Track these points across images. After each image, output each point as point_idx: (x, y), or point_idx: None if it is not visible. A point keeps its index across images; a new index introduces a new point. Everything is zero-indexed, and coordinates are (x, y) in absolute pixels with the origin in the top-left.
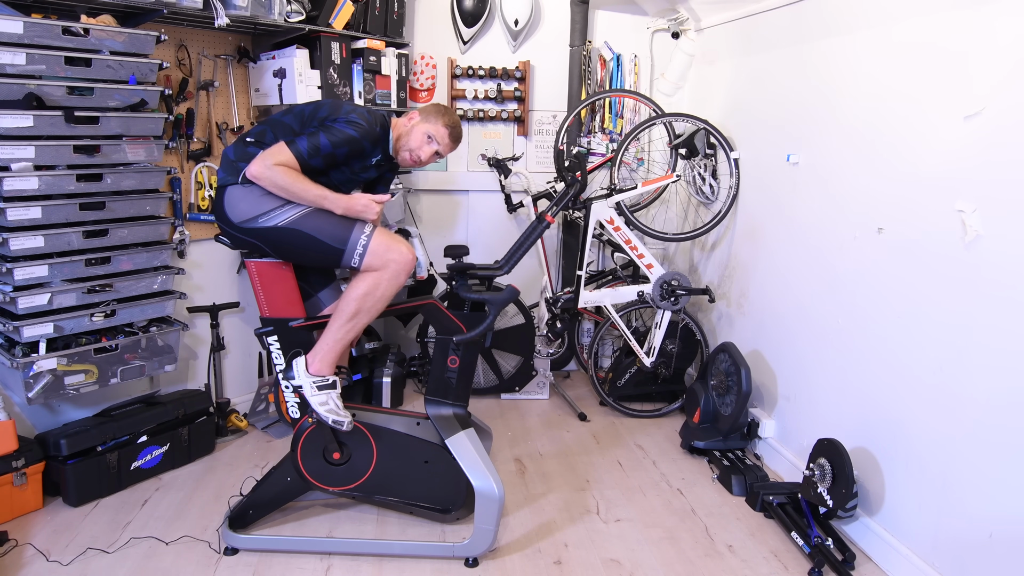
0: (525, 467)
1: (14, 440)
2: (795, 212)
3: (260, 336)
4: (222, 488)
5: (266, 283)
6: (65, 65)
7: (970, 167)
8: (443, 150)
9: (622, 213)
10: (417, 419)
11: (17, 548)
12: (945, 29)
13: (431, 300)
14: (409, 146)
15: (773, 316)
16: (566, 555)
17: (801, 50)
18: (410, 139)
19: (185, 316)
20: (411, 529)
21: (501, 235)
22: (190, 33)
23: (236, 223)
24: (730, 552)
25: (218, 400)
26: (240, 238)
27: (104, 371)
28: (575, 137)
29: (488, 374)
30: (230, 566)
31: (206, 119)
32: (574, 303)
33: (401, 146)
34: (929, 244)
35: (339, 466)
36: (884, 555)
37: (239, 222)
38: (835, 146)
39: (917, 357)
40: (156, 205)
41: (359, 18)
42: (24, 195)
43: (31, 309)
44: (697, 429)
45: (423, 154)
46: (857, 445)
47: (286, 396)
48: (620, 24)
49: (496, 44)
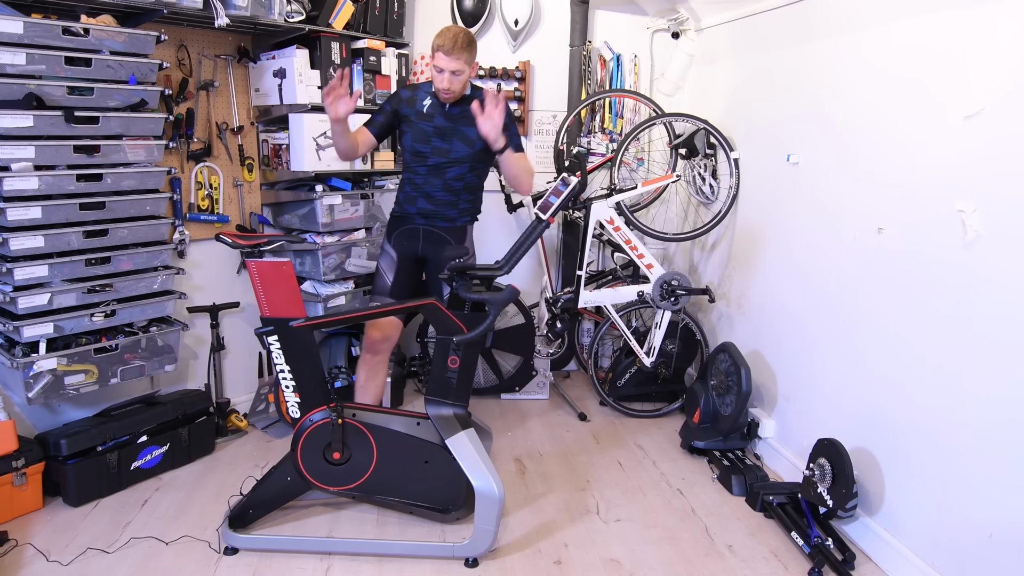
0: (525, 467)
1: (14, 440)
2: (795, 212)
3: (260, 336)
4: (222, 488)
5: (266, 283)
6: (65, 65)
7: (970, 167)
8: (445, 65)
9: (622, 213)
10: (417, 419)
11: (17, 548)
12: (945, 29)
13: (431, 300)
14: (434, 84)
15: (773, 316)
16: (566, 555)
17: (801, 50)
18: (433, 79)
19: (185, 316)
20: (411, 529)
21: (501, 235)
22: (190, 33)
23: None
24: (730, 552)
25: (218, 400)
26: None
27: (104, 371)
28: (575, 137)
29: (488, 374)
30: (230, 566)
31: (206, 119)
32: (574, 303)
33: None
34: (929, 244)
35: (339, 466)
36: (884, 555)
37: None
38: (835, 146)
39: (917, 357)
40: (156, 205)
41: (359, 18)
42: (24, 195)
43: (31, 309)
44: (697, 429)
45: (438, 84)
46: (857, 445)
47: (286, 396)
48: (620, 24)
49: (496, 44)
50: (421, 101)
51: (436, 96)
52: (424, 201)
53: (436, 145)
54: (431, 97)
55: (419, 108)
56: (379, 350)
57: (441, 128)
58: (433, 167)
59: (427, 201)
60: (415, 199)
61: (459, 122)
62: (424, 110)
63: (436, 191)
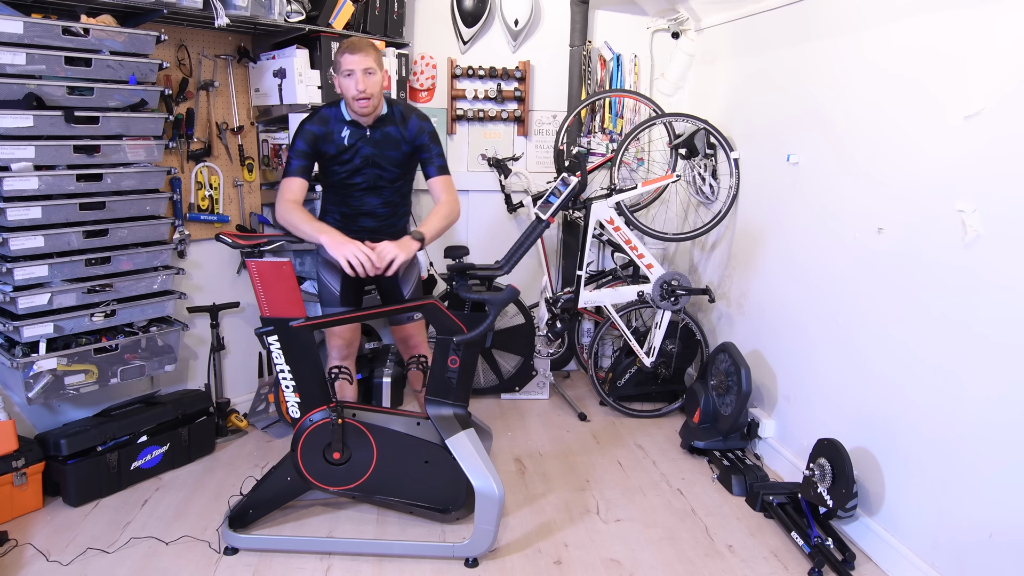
0: (525, 467)
1: (14, 440)
2: (795, 212)
3: (260, 336)
4: (222, 488)
5: (266, 283)
6: (65, 65)
7: (970, 167)
8: (353, 65)
9: (622, 213)
10: (417, 419)
11: (17, 548)
12: (945, 28)
13: (431, 300)
14: (347, 97)
15: (773, 316)
16: (566, 555)
17: (801, 50)
18: (343, 102)
19: (185, 316)
20: (411, 529)
21: (501, 235)
22: (190, 33)
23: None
24: (730, 552)
25: (218, 400)
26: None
27: (104, 371)
28: (575, 137)
29: (488, 374)
30: (230, 566)
31: (206, 119)
32: (574, 303)
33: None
34: (929, 244)
35: (339, 466)
36: (884, 555)
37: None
38: (835, 146)
39: (917, 357)
40: (156, 205)
41: (359, 18)
42: (24, 195)
43: (31, 309)
44: (697, 429)
45: (352, 90)
46: (857, 445)
47: (286, 396)
48: (620, 24)
49: (496, 44)
50: (338, 134)
51: (354, 123)
52: (366, 219)
53: (367, 173)
54: (347, 127)
55: (338, 142)
56: (346, 355)
57: (368, 157)
58: (367, 189)
59: (369, 219)
60: (356, 218)
61: (383, 146)
62: (345, 142)
63: (376, 209)
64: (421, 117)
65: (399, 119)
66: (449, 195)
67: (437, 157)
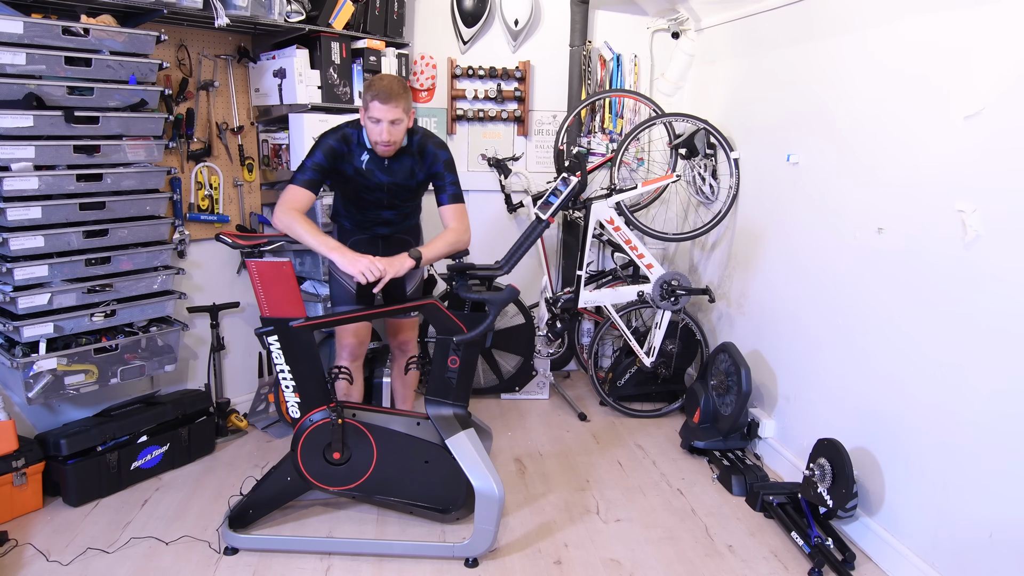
0: (525, 467)
1: (14, 440)
2: (795, 212)
3: (260, 336)
4: (222, 488)
5: (266, 283)
6: (65, 65)
7: (970, 167)
8: (381, 115)
9: (622, 213)
10: (417, 419)
11: (17, 548)
12: (946, 28)
13: (431, 300)
14: (369, 138)
15: (773, 316)
16: (566, 555)
17: (801, 50)
18: (365, 131)
19: (185, 316)
20: (411, 529)
21: (501, 235)
22: (190, 33)
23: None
24: (730, 552)
25: (218, 400)
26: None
27: (104, 371)
28: (575, 137)
29: (488, 374)
30: (230, 566)
31: (206, 119)
32: (574, 303)
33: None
34: (929, 244)
35: (339, 466)
36: (884, 555)
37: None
38: (835, 146)
39: (917, 357)
40: (156, 205)
41: (359, 18)
42: (24, 195)
43: (31, 309)
44: (697, 429)
45: (376, 136)
46: (857, 445)
47: (286, 396)
48: (620, 24)
49: (496, 44)
50: (358, 157)
51: (373, 151)
52: (381, 227)
53: (379, 197)
54: (367, 153)
55: (356, 165)
56: (358, 355)
57: (382, 184)
58: (381, 205)
59: (384, 226)
60: (370, 226)
61: (399, 175)
62: (363, 167)
63: (392, 217)
64: (438, 145)
65: (416, 149)
66: (459, 223)
67: (451, 186)
